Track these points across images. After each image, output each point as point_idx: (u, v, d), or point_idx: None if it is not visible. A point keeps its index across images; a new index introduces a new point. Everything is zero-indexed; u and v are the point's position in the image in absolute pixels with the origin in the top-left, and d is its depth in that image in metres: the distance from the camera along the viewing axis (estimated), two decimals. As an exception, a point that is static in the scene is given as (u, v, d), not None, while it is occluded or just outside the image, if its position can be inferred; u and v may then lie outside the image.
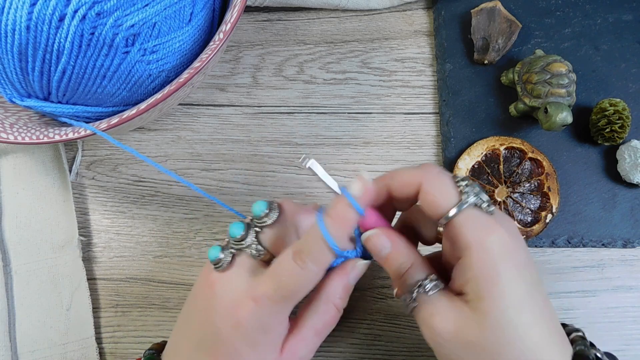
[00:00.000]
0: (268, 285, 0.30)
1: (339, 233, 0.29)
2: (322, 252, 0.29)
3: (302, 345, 0.32)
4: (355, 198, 0.29)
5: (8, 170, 0.46)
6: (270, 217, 0.32)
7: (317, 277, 0.30)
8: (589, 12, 0.49)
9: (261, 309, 0.30)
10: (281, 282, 0.29)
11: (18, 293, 0.43)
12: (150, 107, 0.36)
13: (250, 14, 0.51)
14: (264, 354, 0.31)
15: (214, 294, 0.31)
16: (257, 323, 0.30)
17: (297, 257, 0.29)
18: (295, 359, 0.32)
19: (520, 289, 0.27)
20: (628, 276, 0.44)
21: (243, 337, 0.30)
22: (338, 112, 0.49)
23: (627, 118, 0.43)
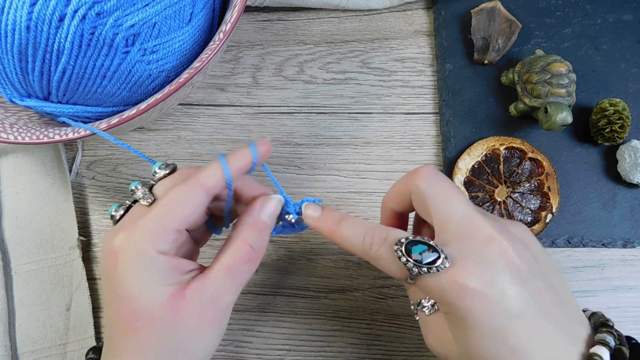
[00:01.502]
0: (147, 209, 0.30)
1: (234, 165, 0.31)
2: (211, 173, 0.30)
3: (209, 282, 0.29)
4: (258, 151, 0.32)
5: (8, 170, 0.46)
6: (164, 171, 0.33)
7: (199, 193, 0.30)
8: (589, 12, 0.49)
9: (136, 232, 0.29)
10: (161, 202, 0.30)
11: (18, 293, 0.43)
12: (150, 107, 0.36)
13: (250, 14, 0.51)
14: (153, 285, 0.28)
15: (103, 244, 0.31)
16: (133, 248, 0.28)
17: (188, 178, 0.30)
18: (204, 297, 0.29)
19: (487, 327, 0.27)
20: (628, 276, 0.44)
21: (121, 268, 0.28)
22: (338, 112, 0.49)
23: (627, 118, 0.43)
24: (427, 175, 0.31)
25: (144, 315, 0.28)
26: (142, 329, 0.28)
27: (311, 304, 0.44)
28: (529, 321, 0.26)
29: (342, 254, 0.45)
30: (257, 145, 0.32)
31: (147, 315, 0.28)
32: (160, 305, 0.28)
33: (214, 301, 0.30)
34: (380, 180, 0.47)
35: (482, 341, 0.27)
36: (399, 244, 0.28)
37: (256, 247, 0.31)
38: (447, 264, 0.27)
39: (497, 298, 0.26)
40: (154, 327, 0.28)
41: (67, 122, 0.39)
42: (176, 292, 0.29)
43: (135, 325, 0.28)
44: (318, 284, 0.44)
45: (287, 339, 0.43)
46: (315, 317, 0.43)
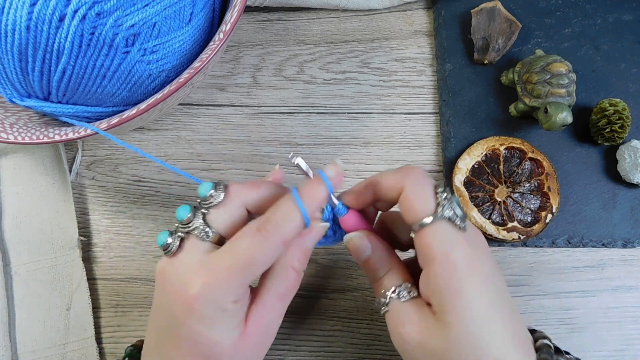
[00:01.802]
0: (224, 257, 0.29)
1: (311, 206, 0.30)
2: (289, 223, 0.29)
3: (265, 313, 0.31)
4: (329, 179, 0.31)
5: (8, 170, 0.46)
6: (216, 198, 0.31)
7: (278, 248, 0.30)
8: (589, 12, 0.49)
9: (214, 285, 0.29)
10: (239, 253, 0.29)
11: (18, 293, 0.43)
12: (150, 107, 0.36)
13: (250, 14, 0.51)
14: (224, 331, 0.29)
15: (165, 279, 0.30)
16: (211, 301, 0.29)
17: (262, 227, 0.29)
18: (262, 328, 0.31)
19: (482, 301, 0.28)
20: (628, 276, 0.44)
21: (198, 318, 0.29)
22: (338, 112, 0.49)
23: (627, 118, 0.43)
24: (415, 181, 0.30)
25: (217, 355, 0.30)
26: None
27: (311, 304, 0.44)
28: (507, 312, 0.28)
29: (342, 254, 0.45)
30: (327, 172, 0.31)
31: (219, 355, 0.30)
32: (231, 345, 0.30)
33: (270, 329, 0.32)
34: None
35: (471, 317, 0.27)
36: (444, 186, 0.30)
37: (301, 273, 0.32)
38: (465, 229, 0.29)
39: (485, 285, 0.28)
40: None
41: (71, 122, 0.39)
42: (242, 330, 0.30)
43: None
44: (318, 284, 0.44)
45: (287, 339, 0.43)
46: (315, 317, 0.43)
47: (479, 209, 0.44)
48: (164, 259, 0.31)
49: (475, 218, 0.44)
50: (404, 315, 0.30)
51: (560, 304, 0.43)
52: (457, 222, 0.29)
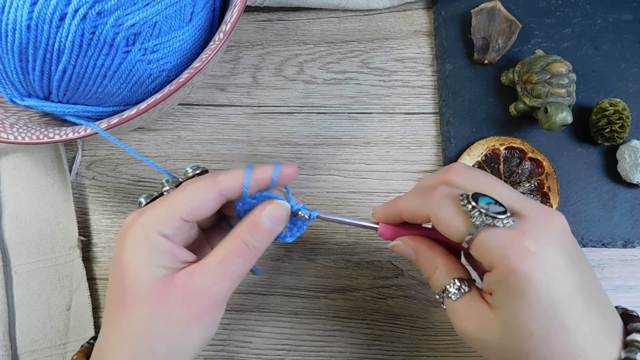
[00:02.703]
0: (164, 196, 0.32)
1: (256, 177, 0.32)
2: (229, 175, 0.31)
3: (200, 271, 0.30)
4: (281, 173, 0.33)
5: (8, 170, 0.46)
6: (193, 172, 0.34)
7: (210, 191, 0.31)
8: (589, 12, 0.49)
9: (145, 215, 0.30)
10: (176, 192, 0.31)
11: (18, 293, 0.43)
12: (150, 107, 0.36)
13: (250, 14, 0.51)
14: (146, 264, 0.29)
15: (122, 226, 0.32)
16: (138, 227, 0.30)
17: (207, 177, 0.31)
18: (192, 287, 0.29)
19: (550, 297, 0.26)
20: (628, 276, 0.44)
21: (123, 243, 0.30)
22: (338, 112, 0.49)
23: (627, 118, 0.43)
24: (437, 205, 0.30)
25: (133, 292, 0.29)
26: (130, 306, 0.29)
27: (311, 304, 0.44)
28: (582, 303, 0.26)
29: (342, 254, 0.45)
30: (283, 166, 0.33)
31: (135, 293, 0.29)
32: (148, 284, 0.29)
33: (202, 292, 0.30)
34: (380, 180, 0.47)
35: (535, 315, 0.26)
36: (464, 196, 0.29)
37: (250, 245, 0.31)
38: (512, 222, 0.27)
39: (560, 272, 0.26)
40: (140, 305, 0.29)
41: (73, 121, 0.39)
42: (167, 274, 0.29)
43: (124, 301, 0.29)
44: (318, 284, 0.44)
45: (287, 339, 0.43)
46: (315, 317, 0.43)
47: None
48: None
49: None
50: (459, 312, 0.30)
51: (561, 303, 0.43)
52: (496, 222, 0.27)
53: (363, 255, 0.45)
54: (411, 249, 0.33)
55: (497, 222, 0.27)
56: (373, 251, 0.45)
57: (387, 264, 0.44)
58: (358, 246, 0.45)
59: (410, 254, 0.33)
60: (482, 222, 0.27)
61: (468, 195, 0.28)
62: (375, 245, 0.45)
